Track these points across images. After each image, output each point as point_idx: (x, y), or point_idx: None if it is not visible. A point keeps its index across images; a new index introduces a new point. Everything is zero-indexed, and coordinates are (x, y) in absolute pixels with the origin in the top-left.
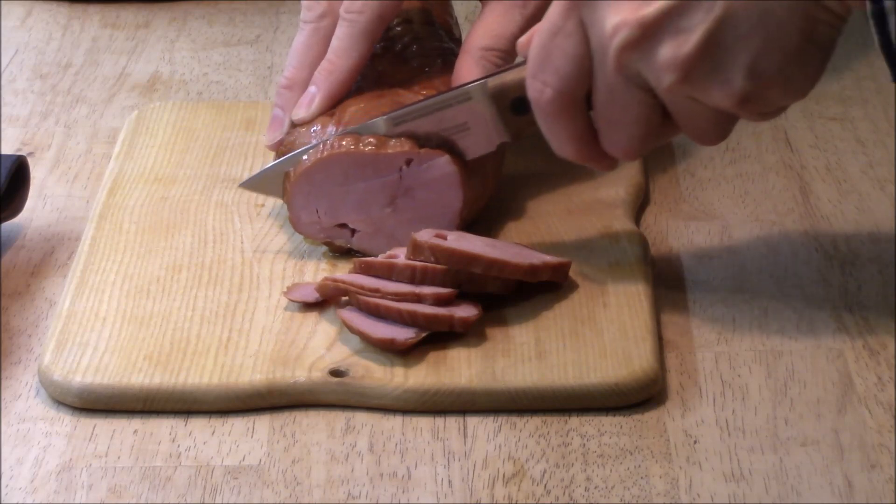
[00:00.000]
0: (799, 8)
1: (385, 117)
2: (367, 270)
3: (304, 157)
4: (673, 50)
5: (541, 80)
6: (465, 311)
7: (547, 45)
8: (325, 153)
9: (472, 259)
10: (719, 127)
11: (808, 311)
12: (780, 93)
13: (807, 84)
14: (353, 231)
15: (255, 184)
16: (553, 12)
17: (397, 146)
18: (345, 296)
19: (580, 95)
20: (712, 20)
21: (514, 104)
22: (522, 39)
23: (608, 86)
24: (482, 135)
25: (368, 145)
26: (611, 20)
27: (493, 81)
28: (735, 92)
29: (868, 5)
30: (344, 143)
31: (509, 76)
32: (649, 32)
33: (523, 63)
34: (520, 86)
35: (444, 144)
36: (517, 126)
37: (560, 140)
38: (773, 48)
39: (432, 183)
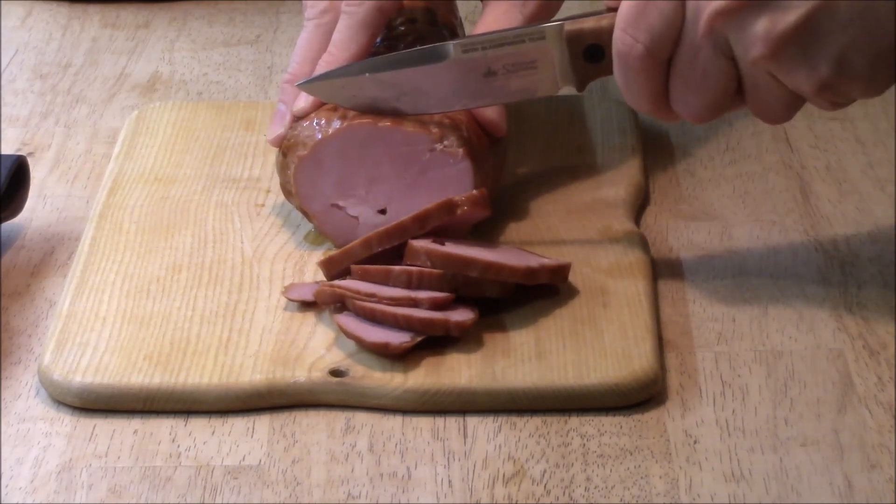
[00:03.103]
0: None
1: (456, 42)
2: (365, 276)
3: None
4: (768, 24)
5: (632, 34)
6: (462, 315)
7: (642, 1)
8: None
9: (467, 262)
10: (788, 108)
11: (808, 311)
12: (861, 87)
13: (888, 84)
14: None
15: (314, 86)
16: None
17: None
18: (342, 301)
19: (667, 56)
20: (813, 3)
21: (587, 51)
22: None
23: (694, 48)
24: (548, 76)
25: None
26: None
27: (570, 26)
28: (818, 79)
29: None
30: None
31: (588, 23)
32: (749, 3)
33: (603, 12)
34: (597, 33)
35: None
36: (585, 73)
37: (637, 94)
38: (865, 44)
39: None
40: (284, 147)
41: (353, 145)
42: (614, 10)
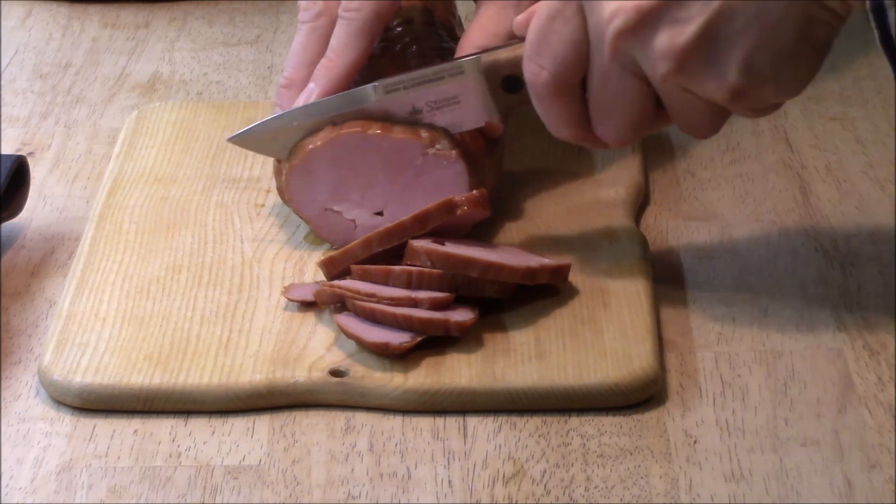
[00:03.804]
0: (797, 6)
1: (377, 84)
2: (365, 276)
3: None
4: (669, 39)
5: (538, 62)
6: (462, 315)
7: (545, 29)
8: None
9: (467, 262)
10: (711, 120)
11: (808, 311)
12: (773, 90)
13: (800, 83)
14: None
15: (244, 139)
16: None
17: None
18: (342, 301)
19: (576, 80)
20: (710, 12)
21: (505, 82)
22: (520, 18)
23: (603, 71)
24: (471, 110)
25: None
26: (609, 6)
27: (487, 58)
28: (728, 86)
29: (868, 2)
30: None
31: (503, 54)
32: (646, 20)
33: (518, 41)
34: (512, 64)
35: (429, 121)
36: (507, 104)
37: (554, 122)
38: (768, 45)
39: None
40: None
41: (344, 153)
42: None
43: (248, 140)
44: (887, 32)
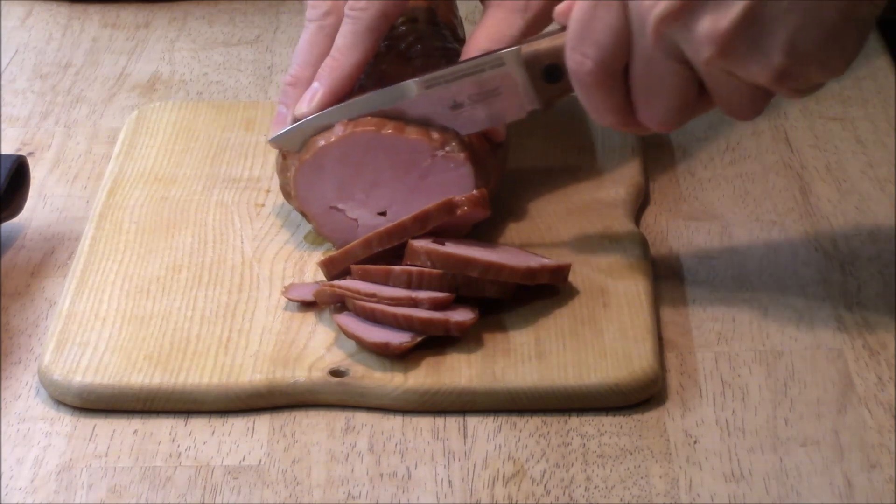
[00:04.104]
0: None
1: (417, 79)
2: (365, 276)
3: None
4: (711, 23)
5: (580, 51)
6: (462, 315)
7: (587, 17)
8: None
9: (467, 262)
10: (755, 102)
11: (808, 311)
12: (818, 70)
13: (844, 62)
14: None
15: (285, 140)
16: None
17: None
18: (342, 301)
19: (619, 67)
20: None
21: (546, 71)
22: (561, 7)
23: (646, 57)
24: (513, 101)
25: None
26: None
27: (527, 48)
28: (772, 68)
29: None
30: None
31: (543, 44)
32: (689, 5)
33: (558, 31)
34: (553, 53)
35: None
36: (549, 93)
37: (598, 110)
38: (812, 25)
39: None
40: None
41: (355, 151)
42: (566, 27)
43: (288, 140)
44: None
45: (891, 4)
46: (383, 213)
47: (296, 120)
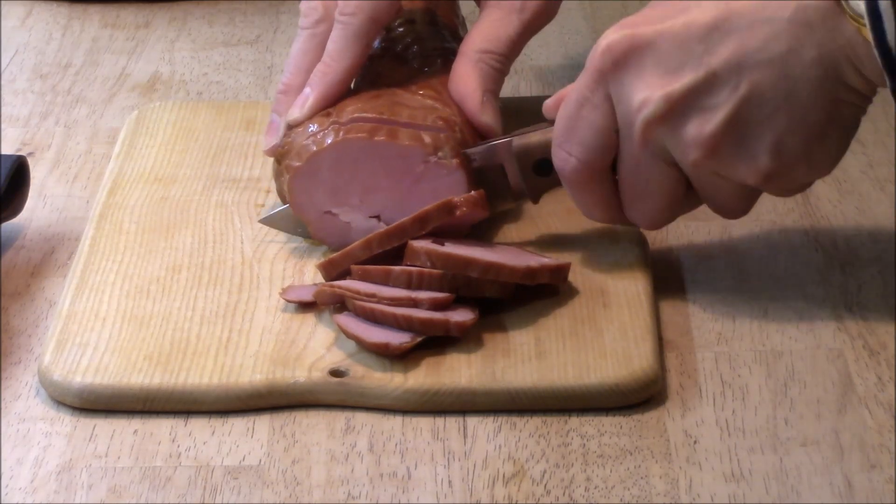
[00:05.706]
0: (824, 89)
1: None
2: (365, 276)
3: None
4: (698, 127)
5: (566, 149)
6: (462, 316)
7: (573, 116)
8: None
9: (467, 262)
10: (743, 201)
11: (808, 311)
12: (804, 170)
13: (830, 162)
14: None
15: (275, 221)
16: (581, 83)
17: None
18: (342, 301)
19: (605, 166)
20: (738, 99)
21: (537, 165)
22: (549, 102)
23: (634, 158)
24: (503, 191)
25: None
26: (638, 94)
27: (518, 141)
28: (760, 169)
29: (889, 84)
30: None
31: (534, 137)
32: (676, 108)
33: (548, 125)
34: (544, 147)
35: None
36: (538, 187)
37: (585, 205)
38: (797, 128)
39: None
40: (279, 154)
41: (348, 158)
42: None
43: (279, 220)
44: (886, 47)
45: None
46: (377, 217)
47: (289, 126)
